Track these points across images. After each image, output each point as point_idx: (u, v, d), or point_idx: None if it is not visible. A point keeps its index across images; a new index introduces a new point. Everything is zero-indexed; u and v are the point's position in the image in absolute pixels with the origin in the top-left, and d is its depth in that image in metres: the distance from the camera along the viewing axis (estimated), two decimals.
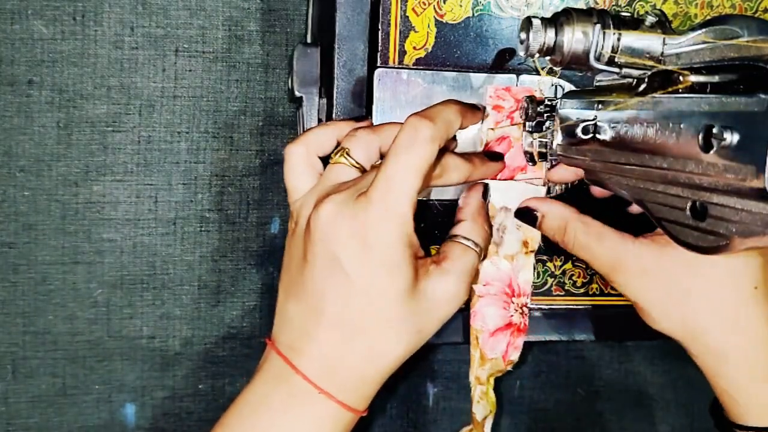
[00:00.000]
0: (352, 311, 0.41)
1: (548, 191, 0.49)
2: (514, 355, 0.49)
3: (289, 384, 0.41)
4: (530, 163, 0.48)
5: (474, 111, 0.46)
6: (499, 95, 0.47)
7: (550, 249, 0.50)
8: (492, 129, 0.47)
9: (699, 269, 0.42)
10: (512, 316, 0.48)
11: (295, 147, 0.44)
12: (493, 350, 0.48)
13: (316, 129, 0.45)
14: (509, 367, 0.49)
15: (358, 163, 0.43)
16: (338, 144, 0.44)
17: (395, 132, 0.41)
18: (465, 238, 0.45)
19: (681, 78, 0.36)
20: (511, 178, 0.48)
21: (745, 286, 0.42)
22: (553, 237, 0.46)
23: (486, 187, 0.47)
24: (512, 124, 0.47)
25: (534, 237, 0.48)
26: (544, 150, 0.47)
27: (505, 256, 0.48)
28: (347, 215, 0.40)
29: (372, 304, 0.40)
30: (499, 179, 0.47)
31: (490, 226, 0.47)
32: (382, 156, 0.43)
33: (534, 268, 0.49)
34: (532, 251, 0.48)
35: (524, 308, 0.48)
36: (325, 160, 0.44)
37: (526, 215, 0.47)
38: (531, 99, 0.47)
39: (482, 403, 0.49)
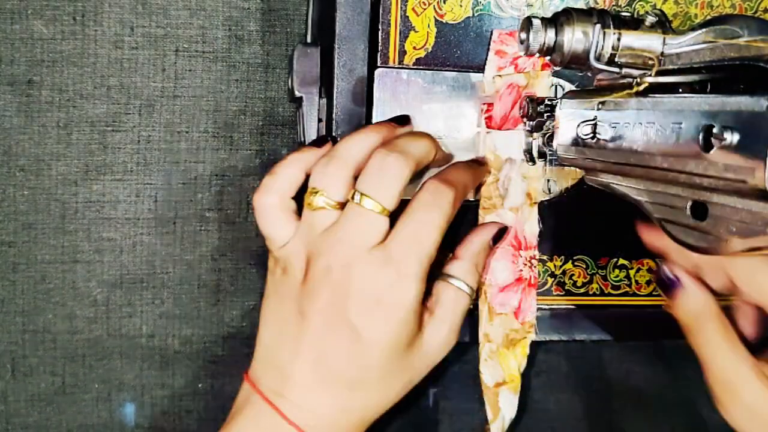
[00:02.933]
0: (350, 368, 0.40)
1: (548, 191, 0.49)
2: (530, 317, 0.48)
3: None
4: (530, 163, 0.48)
5: (481, 168, 0.46)
6: (503, 40, 0.46)
7: (549, 248, 0.49)
8: (499, 76, 0.47)
9: None
10: (521, 270, 0.48)
11: (265, 198, 0.42)
12: (503, 305, 0.47)
13: (281, 170, 0.43)
14: (532, 332, 0.48)
15: (338, 203, 0.41)
16: (308, 176, 0.43)
17: (360, 148, 0.41)
18: (460, 280, 0.44)
19: (680, 78, 0.36)
20: (514, 127, 0.47)
21: None
22: (683, 318, 0.42)
23: (502, 231, 0.47)
24: (517, 71, 0.47)
25: (536, 188, 0.48)
26: (544, 150, 0.47)
27: (510, 208, 0.47)
28: (364, 271, 0.39)
29: (374, 358, 0.40)
30: (505, 129, 0.47)
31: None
32: (356, 178, 0.42)
33: (538, 221, 0.48)
34: (535, 203, 0.48)
35: (533, 261, 0.48)
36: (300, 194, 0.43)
37: (665, 283, 0.42)
38: (531, 99, 0.47)
39: (491, 363, 0.48)
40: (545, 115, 0.46)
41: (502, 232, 0.47)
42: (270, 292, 0.43)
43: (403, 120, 0.45)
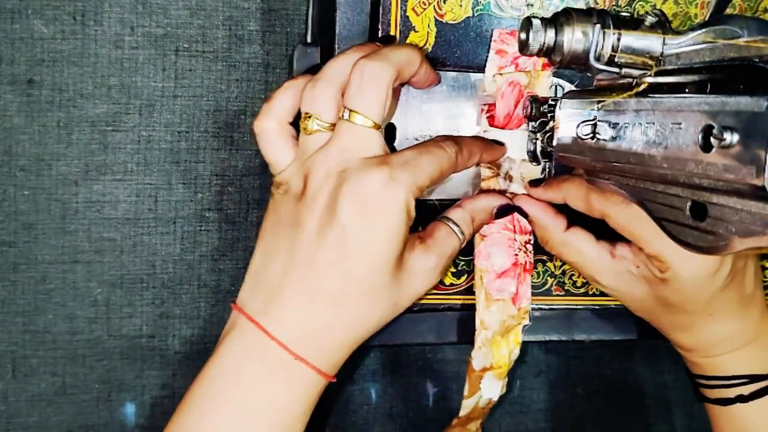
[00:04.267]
0: (338, 277, 0.40)
1: None
2: (526, 303, 0.48)
3: (262, 353, 0.40)
4: (533, 163, 0.48)
5: (498, 147, 0.47)
6: (504, 39, 0.47)
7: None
8: (500, 74, 0.47)
9: None
10: (517, 254, 0.48)
11: (265, 122, 0.44)
12: (500, 291, 0.48)
13: (278, 95, 0.44)
14: (526, 319, 0.48)
15: (331, 125, 0.42)
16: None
17: (344, 67, 0.41)
18: (455, 223, 0.45)
19: (680, 78, 0.36)
20: (517, 127, 0.47)
21: None
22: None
23: (507, 209, 0.47)
24: (518, 71, 0.47)
25: (533, 174, 0.48)
26: (547, 150, 0.47)
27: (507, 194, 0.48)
28: (359, 173, 0.40)
29: (360, 270, 0.40)
30: (506, 128, 0.47)
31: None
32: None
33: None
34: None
35: (527, 245, 0.48)
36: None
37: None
38: (534, 99, 0.47)
39: (483, 351, 0.48)
40: (548, 115, 0.46)
41: (507, 210, 0.47)
42: (268, 215, 0.43)
43: (387, 39, 0.45)
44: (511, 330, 0.48)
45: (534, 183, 0.47)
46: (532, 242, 0.48)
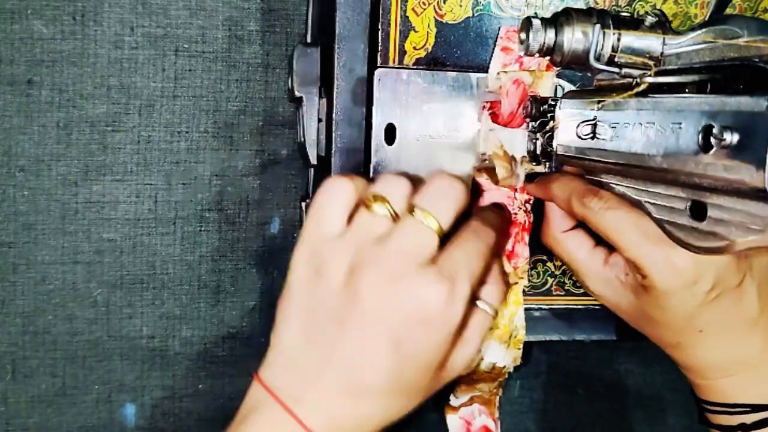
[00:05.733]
0: (384, 379, 0.40)
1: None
2: (522, 263, 0.48)
3: None
4: (533, 163, 0.48)
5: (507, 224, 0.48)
6: (510, 36, 0.46)
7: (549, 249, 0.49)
8: (505, 72, 0.47)
9: None
10: (516, 214, 0.48)
11: (346, 183, 0.41)
12: None
13: (360, 178, 0.43)
14: (524, 279, 0.48)
15: (396, 214, 0.41)
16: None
17: (426, 182, 0.42)
18: (486, 303, 0.44)
19: (680, 78, 0.36)
20: (520, 126, 0.47)
21: None
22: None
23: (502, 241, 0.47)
24: (522, 69, 0.47)
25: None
26: (548, 150, 0.47)
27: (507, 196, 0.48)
28: (415, 286, 0.39)
29: (409, 373, 0.40)
30: (509, 126, 0.47)
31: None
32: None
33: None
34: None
35: (527, 204, 0.48)
36: None
37: None
38: (535, 99, 0.47)
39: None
40: (548, 115, 0.46)
41: (501, 242, 0.47)
42: (297, 291, 0.42)
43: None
44: (510, 290, 0.48)
45: (530, 178, 0.47)
46: (531, 202, 0.48)
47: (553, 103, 0.46)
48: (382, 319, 0.39)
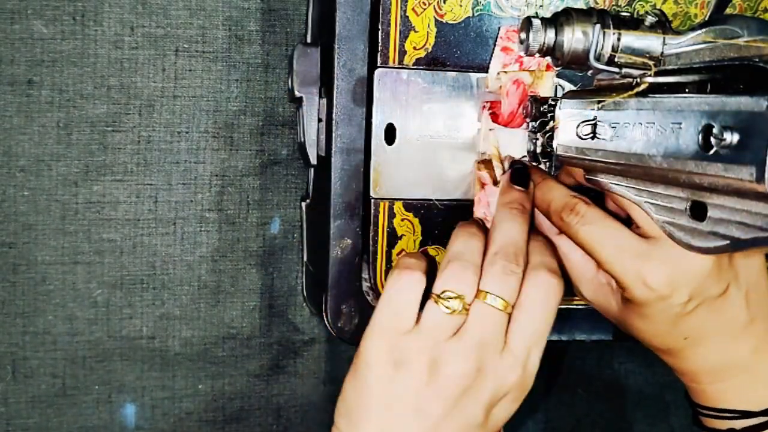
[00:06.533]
0: None
1: None
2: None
3: None
4: (533, 163, 0.48)
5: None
6: (510, 36, 0.46)
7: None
8: (505, 72, 0.47)
9: None
10: None
11: (417, 277, 0.42)
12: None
13: (423, 258, 0.43)
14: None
15: (469, 307, 0.41)
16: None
17: (478, 246, 0.42)
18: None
19: (680, 78, 0.36)
20: (520, 126, 0.47)
21: None
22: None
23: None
24: (522, 69, 0.47)
25: None
26: (548, 150, 0.47)
27: None
28: (497, 376, 0.41)
29: None
30: (509, 126, 0.47)
31: None
32: None
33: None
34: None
35: None
36: None
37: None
38: (534, 99, 0.47)
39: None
40: (548, 115, 0.46)
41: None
42: (376, 386, 0.42)
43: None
44: None
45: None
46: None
47: (552, 103, 0.46)
48: (468, 408, 0.41)
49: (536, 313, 0.42)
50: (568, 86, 0.48)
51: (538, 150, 0.47)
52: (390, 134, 0.47)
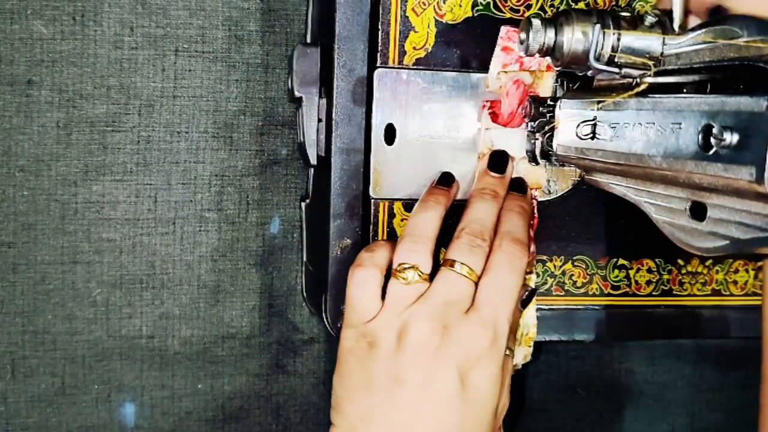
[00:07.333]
0: (446, 429, 0.41)
1: (548, 191, 0.49)
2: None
3: None
4: (533, 163, 0.48)
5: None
6: (510, 36, 0.46)
7: (549, 249, 0.49)
8: (505, 72, 0.47)
9: None
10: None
11: (370, 271, 0.44)
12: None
13: (379, 248, 0.45)
14: (531, 271, 0.48)
15: (427, 276, 0.43)
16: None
17: (434, 224, 0.44)
18: (509, 348, 0.45)
19: (680, 78, 0.36)
20: (519, 126, 0.47)
21: None
22: None
23: (532, 293, 0.48)
24: (522, 69, 0.47)
25: (532, 172, 0.48)
26: (547, 150, 0.47)
27: None
28: (465, 333, 0.41)
29: (469, 423, 0.42)
30: (509, 126, 0.47)
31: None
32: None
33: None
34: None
35: (533, 201, 0.48)
36: None
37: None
38: (534, 99, 0.47)
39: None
40: (548, 115, 0.46)
41: (531, 294, 0.48)
42: (352, 371, 0.43)
43: (448, 180, 0.47)
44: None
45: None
46: (537, 200, 0.48)
47: (552, 103, 0.46)
48: (440, 368, 0.41)
49: (500, 276, 0.43)
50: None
51: (538, 150, 0.47)
52: (390, 134, 0.47)
